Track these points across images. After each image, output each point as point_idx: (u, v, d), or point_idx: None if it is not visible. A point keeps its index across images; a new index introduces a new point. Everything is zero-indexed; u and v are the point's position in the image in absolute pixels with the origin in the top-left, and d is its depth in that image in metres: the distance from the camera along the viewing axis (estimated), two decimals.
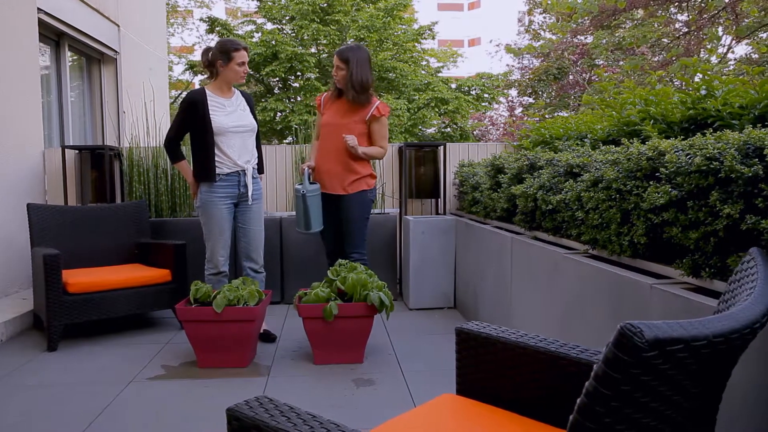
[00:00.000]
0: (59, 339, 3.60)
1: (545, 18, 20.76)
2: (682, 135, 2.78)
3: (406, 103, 16.07)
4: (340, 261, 3.51)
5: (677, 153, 1.80)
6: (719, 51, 10.68)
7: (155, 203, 4.85)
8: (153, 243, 4.25)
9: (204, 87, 3.61)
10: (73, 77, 6.26)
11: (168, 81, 9.57)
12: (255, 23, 17.22)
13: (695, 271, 1.73)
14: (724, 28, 11.23)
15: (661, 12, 11.73)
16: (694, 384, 0.78)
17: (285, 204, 5.15)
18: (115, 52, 6.77)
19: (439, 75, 18.91)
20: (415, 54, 18.10)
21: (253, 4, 18.41)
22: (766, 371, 1.38)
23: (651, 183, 1.92)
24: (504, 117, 20.24)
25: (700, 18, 7.88)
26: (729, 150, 1.56)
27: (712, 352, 0.77)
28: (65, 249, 3.84)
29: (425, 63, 18.91)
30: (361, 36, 15.75)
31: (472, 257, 4.07)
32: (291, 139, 17.03)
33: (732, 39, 9.87)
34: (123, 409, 2.71)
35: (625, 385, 0.69)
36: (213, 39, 17.52)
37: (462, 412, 1.59)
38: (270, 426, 1.10)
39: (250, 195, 3.64)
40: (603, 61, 17.63)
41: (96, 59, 6.67)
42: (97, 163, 4.83)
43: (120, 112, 6.83)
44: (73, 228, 4.14)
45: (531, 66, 20.37)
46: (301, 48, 15.82)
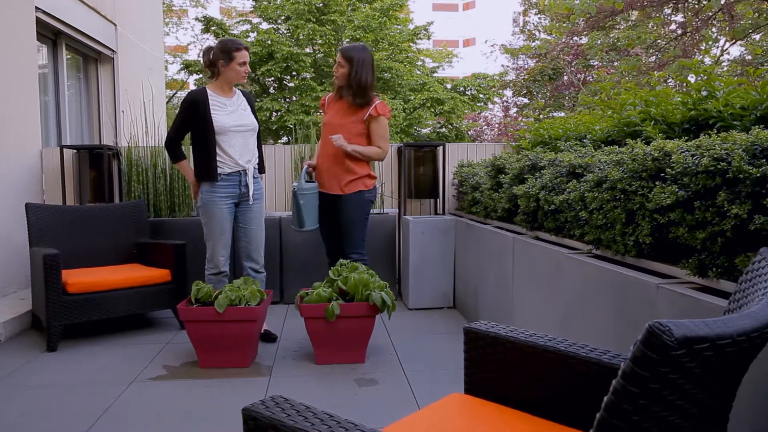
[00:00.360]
0: (59, 339, 3.59)
1: (540, 19, 20.84)
2: (682, 136, 2.79)
3: (401, 104, 16.08)
4: (341, 261, 3.51)
5: (683, 154, 1.81)
6: (713, 52, 10.74)
7: (154, 203, 4.83)
8: (152, 243, 4.24)
9: (205, 86, 3.60)
10: (70, 76, 6.23)
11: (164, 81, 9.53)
12: (251, 23, 17.19)
13: (702, 271, 1.74)
14: (718, 29, 11.30)
15: (656, 14, 11.79)
16: (716, 382, 0.79)
17: (284, 204, 5.15)
18: (112, 51, 6.74)
19: (435, 75, 18.93)
20: (411, 54, 18.11)
21: (249, 3, 18.37)
22: None
23: (657, 183, 1.93)
24: (499, 117, 20.30)
25: (696, 19, 7.93)
26: (737, 151, 1.58)
27: (735, 350, 0.78)
28: (64, 249, 3.82)
29: (420, 63, 18.93)
30: (357, 36, 15.75)
31: (472, 257, 4.08)
32: (286, 139, 17.02)
33: (726, 40, 9.94)
34: (125, 410, 2.70)
35: (654, 383, 0.70)
36: (208, 38, 17.48)
37: (472, 411, 1.59)
38: (287, 425, 1.10)
39: (251, 195, 3.64)
40: (598, 62, 17.71)
41: (93, 58, 6.64)
42: (96, 163, 4.81)
43: (118, 111, 6.80)
44: (72, 228, 4.13)
45: (526, 66, 20.43)
46: (297, 48, 15.80)
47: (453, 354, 3.48)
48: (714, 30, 10.53)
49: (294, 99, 15.99)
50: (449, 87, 17.87)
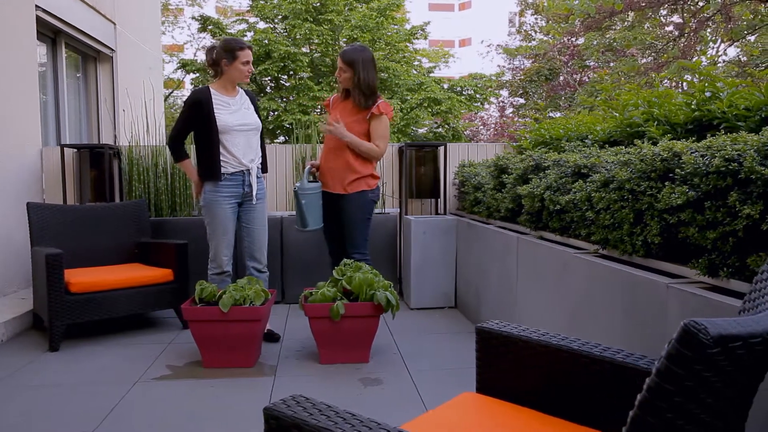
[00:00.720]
0: (61, 339, 3.58)
1: (536, 19, 20.90)
2: (686, 137, 2.81)
3: (399, 103, 16.09)
4: (345, 261, 3.52)
5: (693, 154, 1.82)
6: (710, 53, 10.80)
7: (155, 202, 4.82)
8: (154, 242, 4.23)
9: (208, 86, 3.60)
10: (69, 75, 6.21)
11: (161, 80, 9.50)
12: (247, 22, 17.16)
13: (712, 271, 1.75)
14: (712, 30, 11.36)
15: (652, 14, 11.84)
16: (747, 379, 0.80)
17: (285, 203, 5.14)
18: (111, 50, 6.72)
19: (431, 75, 18.94)
20: (407, 54, 18.12)
21: (245, 2, 18.34)
22: None
23: (666, 184, 1.94)
24: (495, 117, 20.35)
25: (693, 20, 7.97)
26: (749, 151, 1.59)
27: (763, 348, 0.79)
28: (65, 248, 3.80)
29: (417, 63, 18.94)
30: (354, 36, 15.75)
31: (474, 257, 4.09)
32: (283, 139, 17.00)
33: (720, 41, 10.00)
34: (131, 410, 2.70)
35: (689, 381, 0.71)
36: (205, 37, 17.45)
37: (486, 410, 1.60)
38: (310, 424, 1.10)
39: (254, 194, 3.64)
40: (594, 62, 17.78)
41: (92, 57, 6.61)
42: (96, 162, 4.80)
43: (117, 110, 6.78)
44: (73, 227, 4.11)
45: (522, 67, 20.48)
46: (294, 47, 15.79)
47: (456, 354, 3.49)
48: (708, 32, 10.59)
49: (291, 98, 15.97)
50: (446, 87, 17.88)
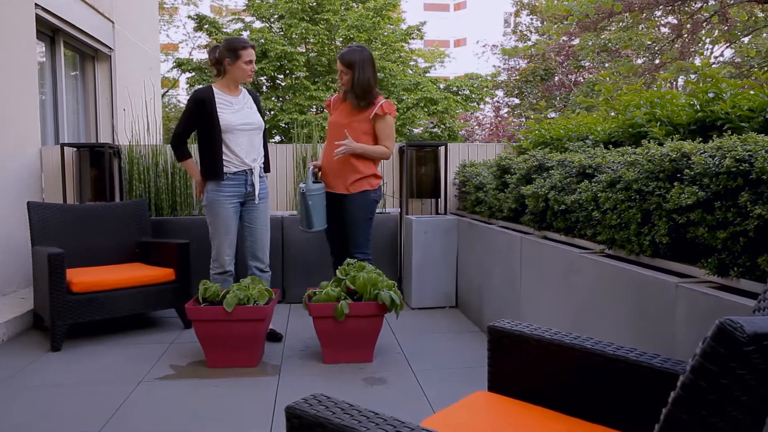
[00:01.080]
0: (63, 339, 3.56)
1: (532, 20, 20.95)
2: (689, 137, 2.82)
3: (395, 103, 16.09)
4: (348, 260, 3.52)
5: (703, 155, 1.83)
6: (705, 54, 10.86)
7: (155, 202, 4.80)
8: (155, 242, 4.22)
9: (211, 85, 3.60)
10: (67, 74, 6.18)
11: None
12: (243, 21, 17.13)
13: (721, 271, 1.77)
14: (707, 31, 11.43)
15: (646, 16, 11.90)
16: None
17: (286, 203, 5.14)
18: (110, 49, 6.69)
19: (427, 75, 18.96)
20: (403, 54, 18.13)
21: (241, 1, 18.30)
22: None
23: (674, 184, 1.95)
24: (490, 118, 20.39)
25: (691, 21, 8.02)
26: (760, 152, 1.60)
27: None
28: (66, 248, 3.78)
29: (413, 63, 18.95)
30: (351, 35, 15.75)
31: (475, 257, 4.10)
32: (279, 138, 16.97)
33: (714, 43, 10.06)
34: (135, 409, 2.69)
35: (723, 379, 0.72)
36: (201, 36, 17.40)
37: (500, 408, 1.61)
38: (334, 423, 1.11)
39: (257, 194, 3.63)
40: (589, 63, 17.84)
41: (90, 56, 6.59)
42: (96, 161, 4.77)
43: (115, 109, 6.75)
44: (74, 227, 4.10)
45: (517, 67, 20.53)
46: (290, 47, 15.77)
47: (458, 353, 3.50)
48: (703, 33, 10.66)
49: (288, 98, 15.95)
50: (442, 87, 17.91)
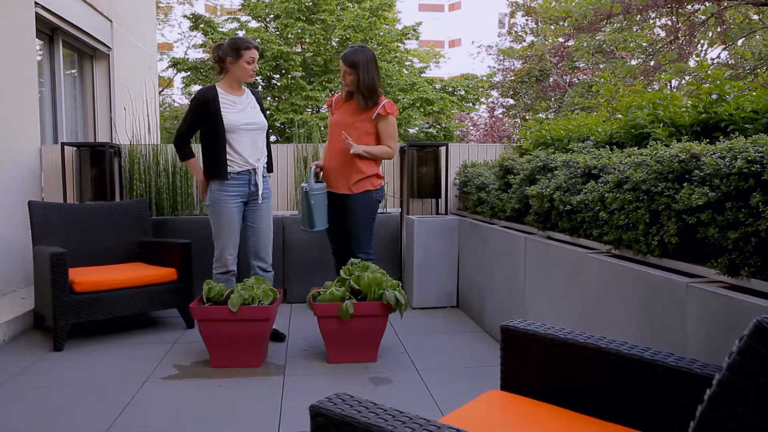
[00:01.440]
0: (65, 339, 3.55)
1: (527, 21, 21.02)
2: (692, 139, 2.85)
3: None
4: (352, 260, 3.52)
5: (713, 156, 1.85)
6: (701, 56, 10.93)
7: (156, 202, 4.79)
8: (157, 242, 4.21)
9: (215, 84, 3.59)
10: (66, 73, 6.15)
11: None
12: (239, 21, 17.09)
13: (732, 270, 1.79)
14: (701, 33, 11.51)
15: (641, 17, 11.96)
16: None
17: (287, 203, 5.13)
18: (108, 47, 6.66)
19: (423, 76, 18.98)
20: (399, 54, 18.14)
21: (237, 0, 18.26)
22: None
23: (684, 185, 1.97)
24: (484, 118, 20.44)
25: (689, 24, 8.08)
26: None
27: None
28: (67, 247, 3.76)
29: (409, 63, 18.96)
30: (347, 36, 15.74)
31: (477, 257, 4.12)
32: (274, 138, 16.93)
33: (707, 44, 10.14)
34: (143, 409, 2.69)
35: (761, 377, 0.73)
36: (196, 36, 17.34)
37: (515, 407, 1.62)
38: (361, 422, 1.11)
39: (260, 194, 3.63)
40: (584, 64, 17.92)
41: (88, 55, 6.56)
42: (97, 161, 4.75)
43: (113, 108, 6.72)
44: (75, 226, 4.08)
45: (512, 68, 20.60)
46: (286, 47, 15.74)
47: (462, 353, 3.51)
48: (697, 35, 10.73)
49: (283, 98, 15.93)
50: (438, 87, 17.93)
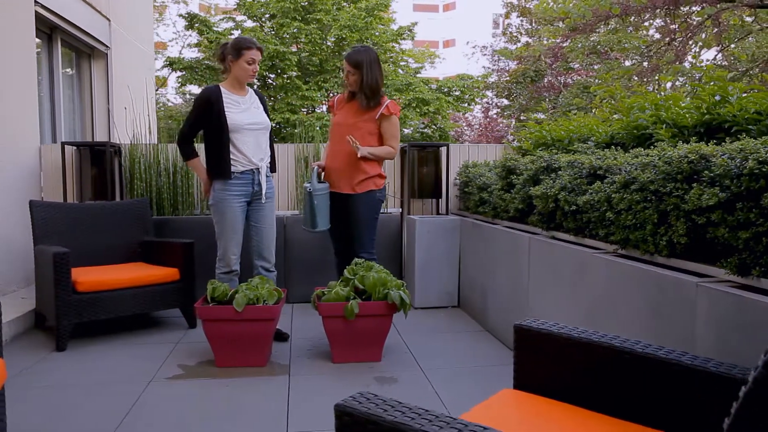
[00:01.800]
0: (68, 338, 3.54)
1: (522, 21, 21.09)
2: (695, 139, 2.87)
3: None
4: (356, 260, 3.53)
5: (723, 157, 1.87)
6: (698, 58, 11.02)
7: (156, 201, 4.78)
8: (159, 242, 4.20)
9: (218, 84, 3.59)
10: (64, 72, 6.12)
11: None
12: (234, 20, 17.05)
13: (742, 270, 1.81)
14: (696, 35, 11.60)
15: (634, 18, 12.02)
16: None
17: (287, 203, 5.13)
18: (106, 46, 6.63)
19: (418, 76, 19.00)
20: (394, 54, 18.15)
21: (232, 0, 18.21)
22: None
23: (693, 186, 1.99)
24: (479, 119, 20.49)
25: (687, 25, 8.13)
26: None
27: None
28: (69, 247, 3.75)
29: (404, 64, 18.98)
30: (343, 35, 15.74)
31: (479, 257, 4.13)
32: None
33: (708, 46, 10.22)
34: (149, 409, 2.68)
35: None
36: (191, 35, 17.27)
37: (531, 406, 1.63)
38: (387, 421, 1.12)
39: (263, 193, 3.63)
40: (578, 65, 18.00)
41: (86, 54, 6.53)
42: (97, 160, 4.74)
43: (111, 107, 6.69)
44: (76, 226, 4.07)
45: (507, 68, 20.66)
46: (282, 47, 15.71)
47: (465, 352, 3.52)
48: (692, 37, 10.82)
49: (279, 97, 15.90)
50: (434, 87, 17.95)
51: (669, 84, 13.90)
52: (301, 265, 4.74)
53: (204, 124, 3.55)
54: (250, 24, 16.98)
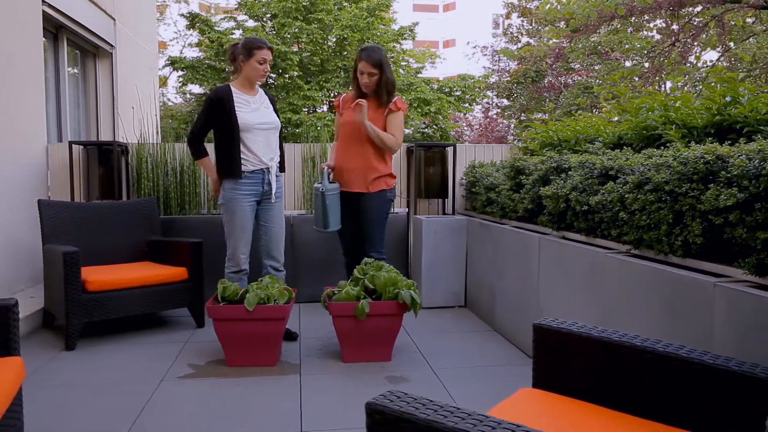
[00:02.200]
0: (77, 338, 3.54)
1: (523, 22, 21.11)
2: (705, 140, 2.88)
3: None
4: (366, 260, 3.54)
5: (741, 157, 1.88)
6: (702, 59, 11.04)
7: (164, 200, 4.78)
8: (167, 241, 4.20)
9: (229, 84, 3.60)
10: (70, 71, 6.12)
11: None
12: (236, 20, 17.05)
13: (760, 270, 1.82)
14: (698, 36, 11.63)
15: (635, 19, 12.05)
16: None
17: (294, 203, 5.13)
18: (111, 46, 6.63)
19: (419, 76, 19.01)
20: (395, 54, 18.16)
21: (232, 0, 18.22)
22: None
23: (709, 186, 2.00)
24: (479, 119, 20.51)
25: (691, 26, 8.15)
26: None
27: None
28: (77, 246, 3.75)
29: (405, 64, 18.98)
30: (344, 35, 15.74)
31: (487, 257, 4.14)
32: None
33: (713, 47, 10.25)
34: (162, 408, 2.69)
35: None
36: (193, 35, 17.27)
37: (551, 405, 1.64)
38: (420, 419, 1.13)
39: (273, 193, 3.64)
40: (579, 65, 18.02)
41: (91, 53, 6.53)
42: (105, 160, 4.74)
43: (116, 107, 6.70)
44: (84, 225, 4.07)
45: (507, 69, 20.68)
46: (284, 46, 15.72)
47: (474, 351, 3.53)
48: (690, 38, 10.86)
49: (281, 97, 15.90)
50: (435, 87, 17.96)
51: (669, 84, 13.93)
52: (308, 265, 4.74)
53: (214, 123, 3.55)
54: (251, 24, 16.98)
